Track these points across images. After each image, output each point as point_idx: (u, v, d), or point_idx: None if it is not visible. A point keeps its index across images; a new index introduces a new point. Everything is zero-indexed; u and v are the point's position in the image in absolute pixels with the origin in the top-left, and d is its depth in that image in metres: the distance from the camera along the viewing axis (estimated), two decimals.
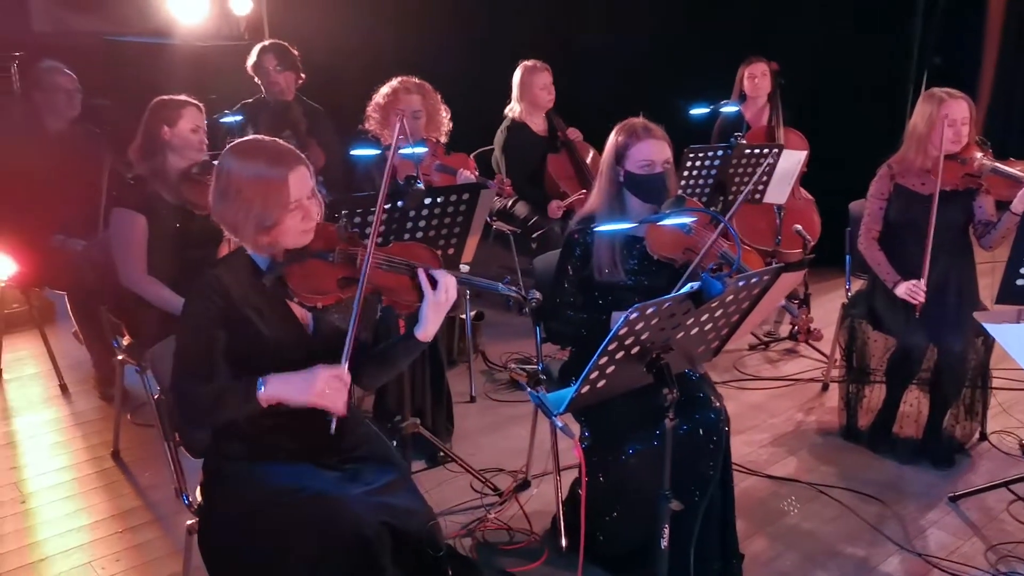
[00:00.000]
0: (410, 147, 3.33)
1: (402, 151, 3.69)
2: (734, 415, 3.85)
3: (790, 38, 5.43)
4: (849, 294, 3.89)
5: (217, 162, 2.17)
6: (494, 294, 2.38)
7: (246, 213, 2.09)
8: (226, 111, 3.95)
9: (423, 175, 3.76)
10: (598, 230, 2.74)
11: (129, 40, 7.43)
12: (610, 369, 2.04)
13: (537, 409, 3.04)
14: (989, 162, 3.34)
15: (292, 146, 2.20)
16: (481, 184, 3.64)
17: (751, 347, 4.63)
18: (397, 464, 2.37)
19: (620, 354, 2.00)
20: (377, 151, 3.74)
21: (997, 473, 3.43)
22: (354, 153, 3.73)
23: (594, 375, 2.02)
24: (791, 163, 4.39)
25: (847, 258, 3.96)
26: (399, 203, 2.95)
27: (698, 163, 4.03)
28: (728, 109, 4.71)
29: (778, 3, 5.56)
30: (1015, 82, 6.54)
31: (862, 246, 3.61)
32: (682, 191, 4.00)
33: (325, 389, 2.08)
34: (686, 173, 4.04)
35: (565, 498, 3.03)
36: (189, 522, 2.37)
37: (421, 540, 2.20)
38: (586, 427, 2.80)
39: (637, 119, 2.81)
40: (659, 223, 2.64)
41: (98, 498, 3.31)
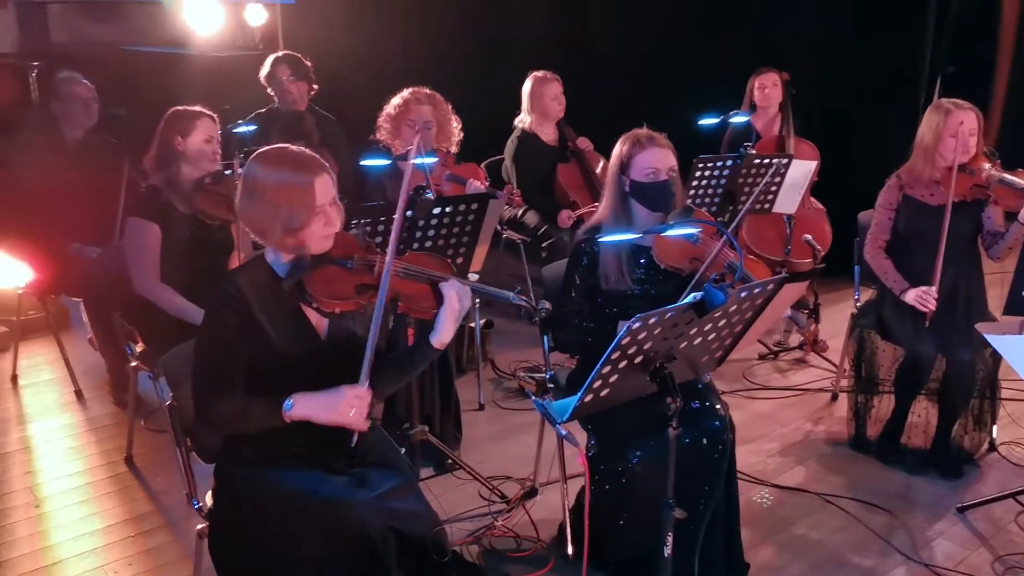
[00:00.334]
0: (420, 157, 3.37)
1: (414, 161, 3.74)
2: (742, 424, 3.88)
3: (801, 48, 5.45)
4: (858, 304, 3.90)
5: (244, 168, 2.24)
6: (504, 303, 2.42)
7: (273, 216, 2.15)
8: (239, 121, 4.00)
9: (433, 185, 3.80)
10: (602, 240, 2.77)
11: (146, 50, 7.52)
12: (613, 378, 2.06)
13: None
14: (997, 173, 3.35)
15: None
16: (490, 194, 3.68)
17: (761, 357, 4.64)
18: (404, 470, 2.40)
19: (623, 363, 2.02)
20: (387, 161, 3.78)
21: (1006, 484, 3.42)
22: (364, 163, 3.77)
23: (597, 384, 2.05)
24: (801, 173, 4.40)
25: (856, 268, 3.96)
26: (409, 212, 2.98)
27: (707, 173, 4.05)
28: (737, 119, 4.73)
29: (788, 13, 5.57)
30: None
31: (868, 255, 3.62)
32: (691, 201, 4.02)
33: (350, 411, 2.13)
34: (695, 183, 4.06)
35: (572, 506, 3.05)
36: (200, 526, 2.41)
37: (426, 545, 2.23)
38: (592, 435, 2.82)
39: (641, 129, 2.85)
40: (670, 233, 2.66)
41: (111, 503, 3.36)
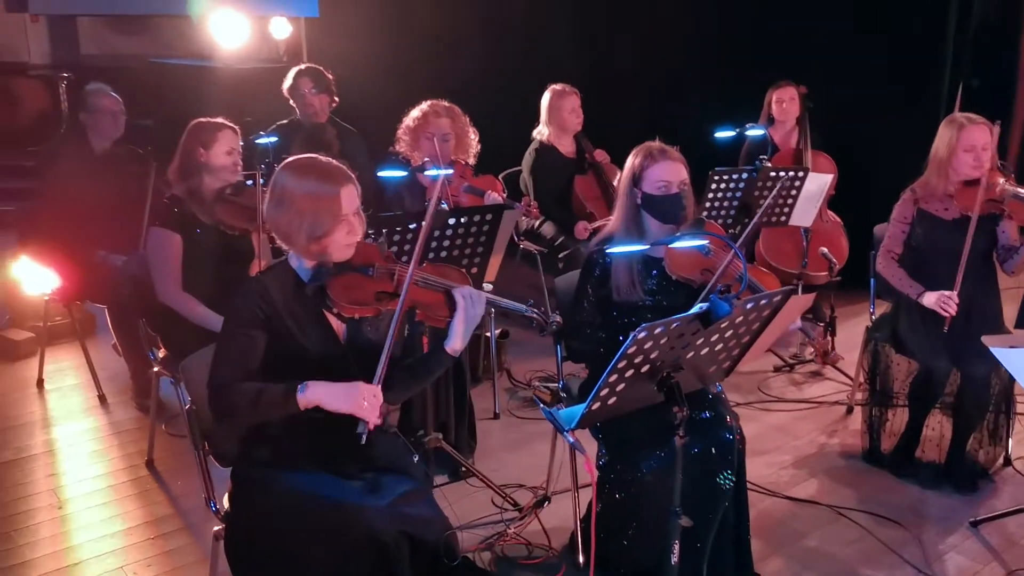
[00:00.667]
0: (436, 168, 3.43)
1: (429, 172, 3.80)
2: (757, 436, 3.90)
3: (820, 61, 5.46)
4: (873, 317, 3.90)
5: (273, 176, 2.31)
6: (518, 314, 2.46)
7: (299, 223, 2.23)
8: (261, 132, 4.08)
9: (452, 196, 3.87)
10: (609, 251, 2.81)
11: (173, 62, 7.67)
12: (620, 387, 2.09)
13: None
14: (1011, 187, 3.35)
15: None
16: (507, 205, 3.73)
17: (776, 369, 4.64)
18: (417, 476, 2.45)
19: (630, 372, 2.06)
20: (404, 172, 3.84)
21: (1020, 499, 3.41)
22: (381, 174, 3.83)
23: (604, 392, 2.08)
24: (817, 186, 4.42)
25: (871, 281, 3.97)
26: (423, 223, 3.03)
27: (723, 185, 4.07)
28: (754, 132, 4.75)
29: (808, 26, 5.58)
30: None
31: (880, 265, 3.63)
32: (707, 213, 4.05)
33: (363, 402, 2.17)
34: (711, 195, 4.08)
35: (583, 515, 3.08)
36: (216, 528, 2.46)
37: (437, 549, 2.27)
38: (603, 445, 2.86)
39: (654, 142, 2.89)
40: (675, 245, 2.70)
41: (132, 505, 3.43)
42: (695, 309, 2.04)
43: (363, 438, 2.20)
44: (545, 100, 4.90)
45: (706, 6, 5.92)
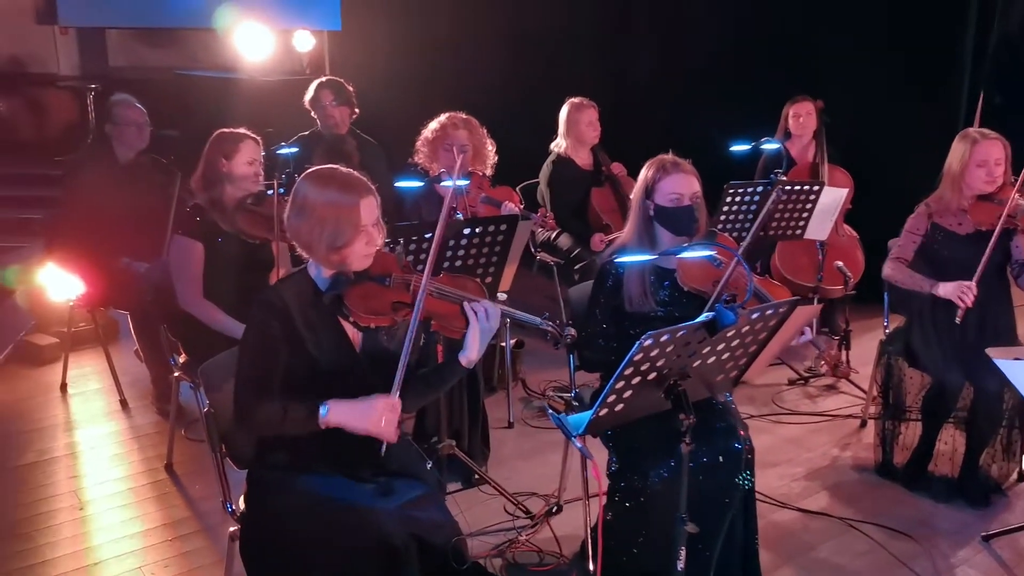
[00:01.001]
0: (450, 179, 3.48)
1: (445, 183, 3.85)
2: (770, 448, 3.92)
3: (837, 75, 5.48)
4: (887, 331, 3.91)
5: (295, 186, 2.36)
6: (534, 326, 2.49)
7: (320, 232, 2.27)
8: (282, 143, 4.15)
9: (469, 207, 3.92)
10: (618, 260, 2.84)
11: (198, 74, 7.79)
12: (627, 393, 2.13)
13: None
14: None
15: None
16: (523, 215, 3.77)
17: (791, 382, 4.65)
18: (429, 481, 2.49)
19: (636, 379, 2.09)
20: (420, 183, 3.89)
21: None
22: (399, 185, 3.89)
23: (612, 398, 2.12)
24: (832, 200, 4.44)
25: (885, 295, 3.98)
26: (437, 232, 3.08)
27: (738, 199, 4.10)
28: (769, 146, 4.77)
29: (826, 40, 5.61)
30: None
31: (888, 268, 3.63)
32: (722, 226, 4.08)
33: (382, 421, 2.23)
34: (726, 208, 4.11)
35: (594, 523, 3.10)
36: (232, 529, 2.52)
37: (446, 553, 2.30)
38: (613, 453, 2.88)
39: (667, 155, 2.93)
40: (683, 255, 2.73)
41: (151, 507, 3.49)
42: (701, 318, 2.08)
43: (382, 450, 2.26)
44: (563, 113, 4.95)
45: (724, 21, 5.96)
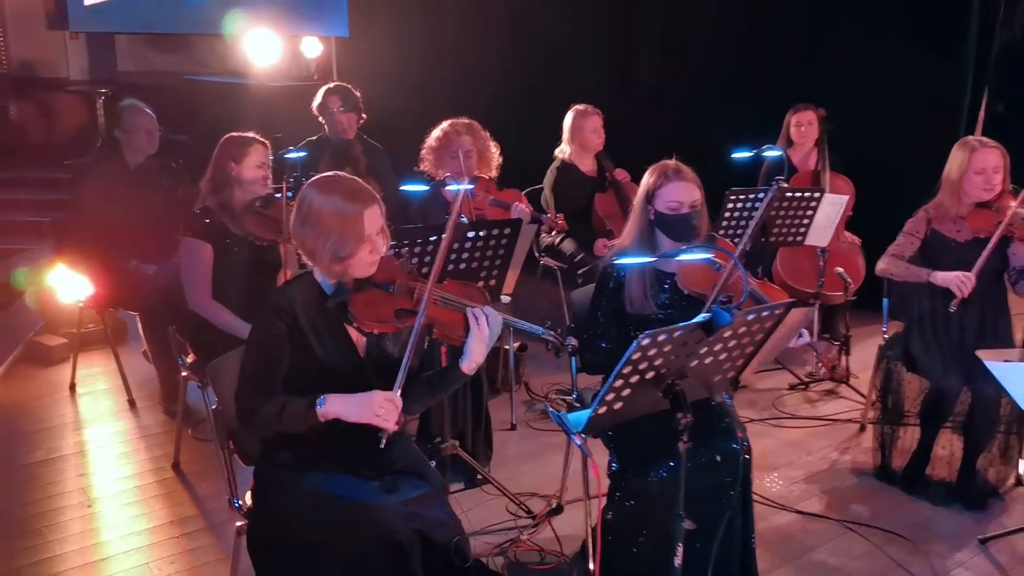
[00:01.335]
0: (455, 184, 3.53)
1: (450, 188, 3.90)
2: (770, 451, 3.95)
3: (840, 81, 5.52)
4: (886, 336, 3.95)
5: (300, 193, 2.39)
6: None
7: (324, 242, 2.30)
8: (290, 148, 4.20)
9: (476, 210, 3.97)
10: (617, 262, 2.89)
11: (207, 80, 7.87)
12: (626, 392, 2.17)
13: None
14: (1022, 210, 3.40)
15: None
16: (534, 218, 3.81)
17: (791, 387, 4.69)
18: (431, 479, 2.53)
19: (635, 378, 2.14)
20: (425, 187, 3.94)
21: None
22: (404, 189, 3.94)
23: (610, 397, 2.16)
24: (833, 207, 4.48)
25: (884, 301, 4.02)
26: (443, 236, 3.13)
27: (739, 205, 4.15)
28: (771, 153, 4.82)
29: (828, 48, 5.64)
30: None
31: (882, 263, 3.67)
32: (723, 232, 4.13)
33: (379, 410, 2.27)
34: (727, 214, 4.16)
35: (595, 523, 3.14)
36: (238, 523, 2.57)
37: (449, 551, 2.34)
38: (614, 453, 2.92)
39: (670, 161, 2.97)
40: (682, 258, 2.78)
41: (158, 505, 3.55)
42: (698, 318, 2.12)
43: (382, 442, 2.30)
44: (568, 120, 5.00)
45: (727, 29, 6.00)
